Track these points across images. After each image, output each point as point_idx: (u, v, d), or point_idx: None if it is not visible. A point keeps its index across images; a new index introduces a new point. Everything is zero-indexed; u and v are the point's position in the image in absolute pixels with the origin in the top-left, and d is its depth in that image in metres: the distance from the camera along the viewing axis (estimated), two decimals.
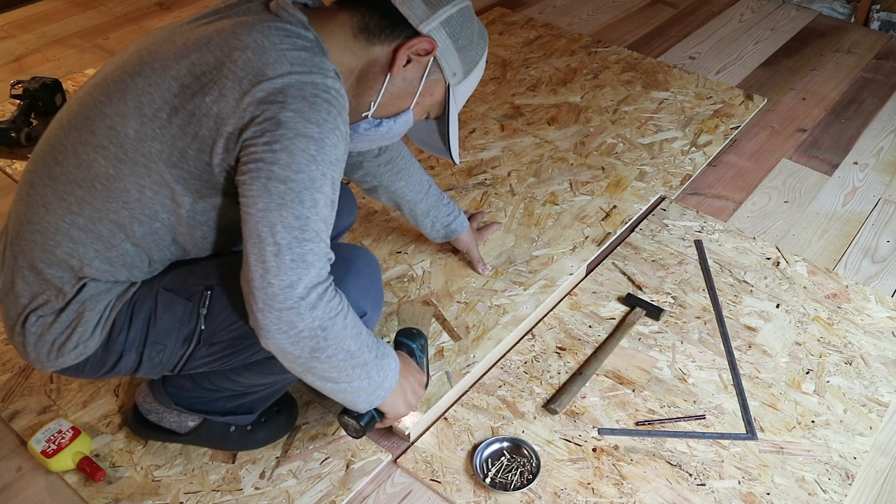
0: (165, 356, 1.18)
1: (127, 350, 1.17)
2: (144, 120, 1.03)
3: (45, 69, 2.56)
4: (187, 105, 1.02)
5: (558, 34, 2.78)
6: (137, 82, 1.05)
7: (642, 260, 1.86)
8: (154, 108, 1.03)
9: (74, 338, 1.14)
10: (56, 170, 1.09)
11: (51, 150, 1.11)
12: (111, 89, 1.07)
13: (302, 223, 1.01)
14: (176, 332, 1.16)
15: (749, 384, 1.58)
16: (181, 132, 1.02)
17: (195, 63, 1.03)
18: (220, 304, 1.15)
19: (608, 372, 1.60)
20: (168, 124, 1.02)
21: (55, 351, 1.15)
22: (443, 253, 1.82)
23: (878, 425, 1.51)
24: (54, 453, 1.37)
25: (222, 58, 1.02)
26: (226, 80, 1.00)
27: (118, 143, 1.04)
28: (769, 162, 2.23)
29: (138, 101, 1.04)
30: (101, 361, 1.18)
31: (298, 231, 1.01)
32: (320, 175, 1.02)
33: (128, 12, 2.93)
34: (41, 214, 1.10)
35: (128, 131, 1.04)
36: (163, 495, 1.36)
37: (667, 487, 1.40)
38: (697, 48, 2.76)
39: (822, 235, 1.98)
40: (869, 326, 1.71)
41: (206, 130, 1.01)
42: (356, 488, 1.38)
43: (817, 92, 2.55)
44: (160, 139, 1.03)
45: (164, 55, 1.05)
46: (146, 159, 1.04)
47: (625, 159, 2.16)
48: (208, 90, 1.01)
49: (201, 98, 1.01)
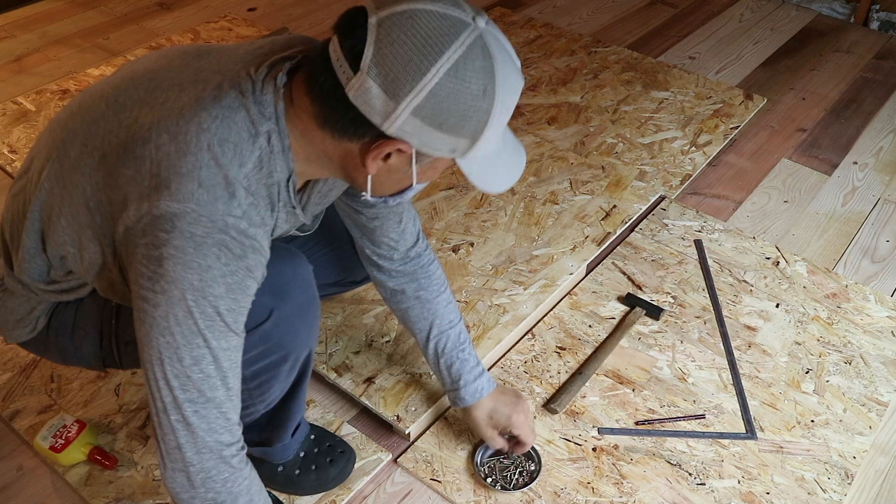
0: (90, 346, 1.16)
1: (61, 332, 1.16)
2: (84, 151, 0.97)
3: (46, 69, 2.56)
4: (110, 160, 0.94)
5: (558, 34, 2.78)
6: (98, 108, 0.99)
7: (642, 260, 1.86)
8: (93, 145, 0.97)
9: (30, 312, 1.14)
10: (28, 167, 1.09)
11: (38, 150, 1.09)
12: (87, 103, 1.03)
13: (183, 382, 0.92)
14: (94, 321, 1.15)
15: (749, 384, 1.58)
16: (103, 184, 0.94)
17: (137, 121, 0.95)
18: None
19: (608, 371, 1.60)
20: (97, 169, 0.95)
21: (12, 322, 1.16)
22: (443, 253, 1.82)
23: (878, 425, 1.51)
24: (63, 447, 1.37)
25: (152, 135, 0.92)
26: (142, 164, 0.91)
27: (60, 159, 1.00)
28: (769, 162, 2.24)
29: (88, 129, 0.98)
30: (46, 340, 1.18)
31: (180, 391, 0.92)
32: (205, 327, 0.91)
33: (128, 12, 2.93)
34: (4, 211, 1.11)
35: (70, 153, 0.99)
36: (163, 495, 1.36)
37: (667, 487, 1.40)
38: (697, 48, 2.76)
39: (821, 235, 1.98)
40: (868, 326, 1.71)
41: (116, 201, 0.93)
42: (356, 488, 1.39)
43: (817, 92, 2.55)
44: (88, 178, 0.96)
45: (134, 89, 0.99)
46: (73, 188, 0.98)
47: (625, 159, 2.17)
48: (128, 163, 0.93)
49: (121, 166, 0.93)
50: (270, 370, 1.16)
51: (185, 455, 0.94)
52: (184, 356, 0.91)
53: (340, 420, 1.50)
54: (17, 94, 2.43)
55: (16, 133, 2.25)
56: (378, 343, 1.60)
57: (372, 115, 0.87)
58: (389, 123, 0.88)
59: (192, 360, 0.92)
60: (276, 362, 1.16)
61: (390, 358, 1.57)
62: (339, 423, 1.49)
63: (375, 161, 0.93)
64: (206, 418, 0.94)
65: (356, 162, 0.94)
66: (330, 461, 1.38)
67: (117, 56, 2.63)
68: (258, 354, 1.13)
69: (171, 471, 0.96)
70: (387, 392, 1.51)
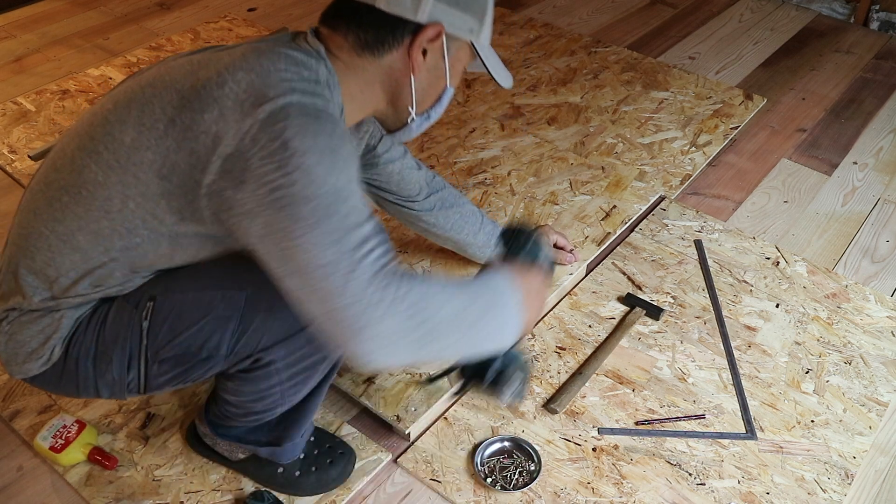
0: (115, 372, 1.13)
1: (82, 358, 1.13)
2: (142, 129, 1.01)
3: (46, 69, 2.56)
4: (183, 117, 0.98)
5: (558, 34, 2.78)
6: (145, 92, 1.03)
7: (642, 260, 1.86)
8: (153, 119, 1.00)
9: (46, 341, 1.11)
10: (52, 175, 1.08)
11: (54, 155, 1.10)
12: (120, 98, 1.06)
13: (339, 235, 0.92)
14: (121, 344, 1.11)
15: (749, 384, 1.58)
16: (176, 145, 0.98)
17: (200, 79, 1.00)
18: (160, 317, 1.09)
19: (608, 372, 1.60)
20: (164, 136, 0.99)
21: (24, 354, 1.12)
22: (443, 253, 1.82)
23: (878, 425, 1.51)
24: (63, 448, 1.37)
25: (226, 76, 0.99)
26: (226, 100, 0.97)
27: (112, 150, 1.02)
28: (769, 162, 2.24)
29: (140, 111, 1.02)
30: (63, 371, 1.14)
31: (339, 245, 0.92)
32: (346, 181, 0.95)
33: (128, 12, 2.93)
34: (30, 219, 1.09)
35: (124, 139, 1.01)
36: (163, 495, 1.36)
37: (666, 487, 1.40)
38: (697, 48, 2.76)
39: (821, 235, 1.98)
40: (868, 326, 1.71)
41: (201, 147, 0.97)
42: (356, 488, 1.39)
43: (817, 92, 2.55)
44: (154, 149, 0.99)
45: (177, 71, 1.04)
46: (136, 168, 1.00)
47: (625, 159, 2.17)
48: (207, 107, 0.97)
49: (199, 114, 0.97)
50: (308, 370, 1.18)
51: (364, 302, 0.91)
52: (338, 210, 0.92)
53: (340, 420, 1.50)
54: (17, 94, 2.43)
55: (16, 133, 2.25)
56: None
57: (405, 11, 1.04)
58: (421, 11, 1.04)
59: (345, 211, 0.93)
60: (316, 363, 1.17)
61: None
62: (339, 424, 1.49)
63: (418, 58, 1.07)
64: (366, 252, 0.93)
65: (400, 73, 1.09)
66: (330, 462, 1.38)
67: (117, 56, 2.63)
68: (301, 356, 1.14)
69: (359, 337, 0.92)
70: (387, 392, 1.51)
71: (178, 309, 1.10)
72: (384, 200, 1.54)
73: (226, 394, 1.25)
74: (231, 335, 1.10)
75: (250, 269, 1.05)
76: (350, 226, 0.93)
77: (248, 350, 1.12)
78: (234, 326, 1.10)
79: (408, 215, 1.56)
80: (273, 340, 1.11)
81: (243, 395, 1.22)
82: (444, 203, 1.56)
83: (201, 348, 1.10)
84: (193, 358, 1.12)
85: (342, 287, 0.91)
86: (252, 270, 1.04)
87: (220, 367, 1.14)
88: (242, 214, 0.95)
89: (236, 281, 1.10)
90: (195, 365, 1.13)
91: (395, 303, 0.92)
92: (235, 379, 1.19)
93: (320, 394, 1.27)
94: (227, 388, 1.23)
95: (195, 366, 1.13)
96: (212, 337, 1.10)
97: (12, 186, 2.08)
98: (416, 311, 0.94)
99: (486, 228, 1.64)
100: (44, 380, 1.16)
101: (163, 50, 2.66)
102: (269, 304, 1.08)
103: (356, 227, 0.93)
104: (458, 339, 0.99)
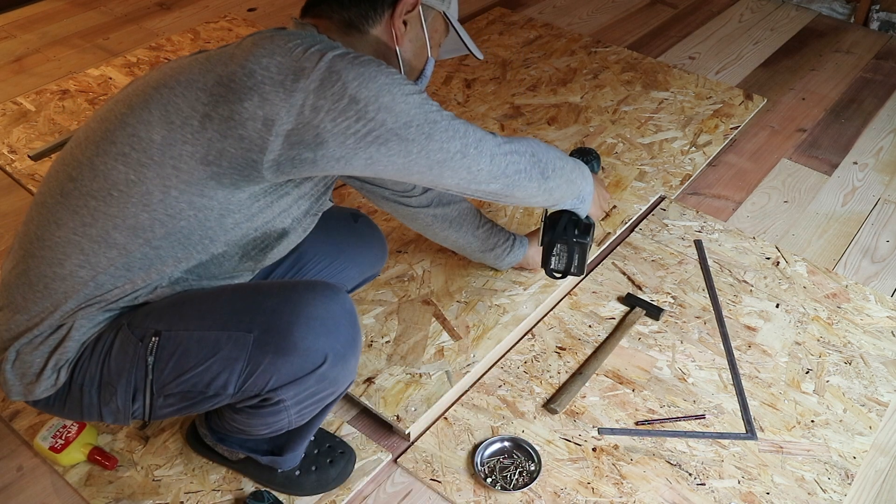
0: (119, 402, 1.13)
1: (87, 386, 1.13)
2: (173, 127, 1.04)
3: (46, 69, 2.56)
4: (220, 110, 1.02)
5: (558, 34, 2.78)
6: (162, 93, 1.06)
7: (642, 260, 1.86)
8: (182, 117, 1.04)
9: (51, 362, 1.10)
10: (69, 185, 1.09)
11: (64, 168, 1.11)
12: (134, 102, 1.08)
13: (451, 133, 1.10)
14: (126, 377, 1.11)
15: (749, 384, 1.58)
16: (220, 135, 1.03)
17: (222, 75, 1.04)
18: (165, 353, 1.10)
19: (608, 372, 1.60)
20: (202, 129, 1.03)
21: (31, 376, 1.11)
22: (443, 253, 1.82)
23: (878, 425, 1.51)
24: (62, 448, 1.37)
25: (251, 66, 1.03)
26: (263, 86, 1.01)
27: (142, 149, 1.05)
28: (769, 162, 2.24)
29: (164, 111, 1.05)
30: (67, 396, 1.14)
31: (456, 138, 1.10)
32: (417, 90, 1.08)
33: (128, 12, 2.93)
34: (52, 230, 1.09)
35: (153, 137, 1.04)
36: (163, 495, 1.36)
37: (666, 487, 1.40)
38: (697, 48, 2.76)
39: (821, 235, 1.98)
40: (868, 326, 1.71)
41: (252, 132, 1.02)
42: (356, 488, 1.39)
43: (817, 92, 2.55)
44: (192, 143, 1.03)
45: (189, 71, 1.07)
46: (176, 161, 1.04)
47: (625, 159, 2.17)
48: (245, 96, 1.02)
49: (238, 104, 1.02)
50: (317, 404, 1.18)
51: (500, 153, 1.17)
52: (435, 119, 1.08)
53: (340, 420, 1.50)
54: (17, 94, 2.43)
55: (16, 133, 2.25)
56: (378, 343, 1.61)
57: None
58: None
59: (438, 115, 1.09)
60: (325, 397, 1.18)
61: (390, 358, 1.58)
62: (339, 424, 1.49)
63: (400, 28, 1.17)
64: (477, 131, 1.15)
65: (386, 46, 1.19)
66: (330, 462, 1.38)
67: (117, 56, 2.63)
68: (311, 393, 1.14)
69: (516, 185, 1.21)
70: (387, 392, 1.51)
71: (185, 346, 1.09)
72: (381, 198, 1.53)
73: (231, 418, 1.24)
74: (238, 376, 1.09)
75: (255, 310, 1.08)
76: (446, 121, 1.10)
77: (256, 390, 1.10)
78: (242, 367, 1.08)
79: (405, 212, 1.56)
80: (281, 382, 1.10)
81: (251, 425, 1.21)
82: (441, 200, 1.56)
83: (208, 386, 1.10)
84: (200, 395, 1.11)
85: (481, 154, 1.14)
86: (257, 311, 1.08)
87: (227, 402, 1.14)
88: (333, 160, 1.05)
89: (242, 322, 1.09)
90: (201, 401, 1.12)
91: (522, 153, 1.21)
92: (243, 412, 1.19)
93: (326, 413, 1.27)
94: (233, 417, 1.23)
95: (201, 401, 1.13)
96: (219, 376, 1.09)
97: (12, 186, 2.08)
98: (537, 158, 1.24)
99: (484, 226, 1.64)
100: (48, 404, 1.16)
101: (163, 50, 2.66)
102: (276, 346, 1.07)
103: (452, 116, 1.11)
104: (559, 182, 1.30)
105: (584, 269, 1.54)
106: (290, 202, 1.14)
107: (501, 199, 1.25)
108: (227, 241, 1.12)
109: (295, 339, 1.06)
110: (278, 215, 1.14)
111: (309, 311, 1.08)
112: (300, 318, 1.07)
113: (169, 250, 1.10)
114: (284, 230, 1.18)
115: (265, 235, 1.16)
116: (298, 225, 1.20)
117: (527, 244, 1.72)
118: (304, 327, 1.07)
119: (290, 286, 1.12)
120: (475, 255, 1.69)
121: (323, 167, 1.06)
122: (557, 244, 1.51)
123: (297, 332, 1.07)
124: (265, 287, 1.15)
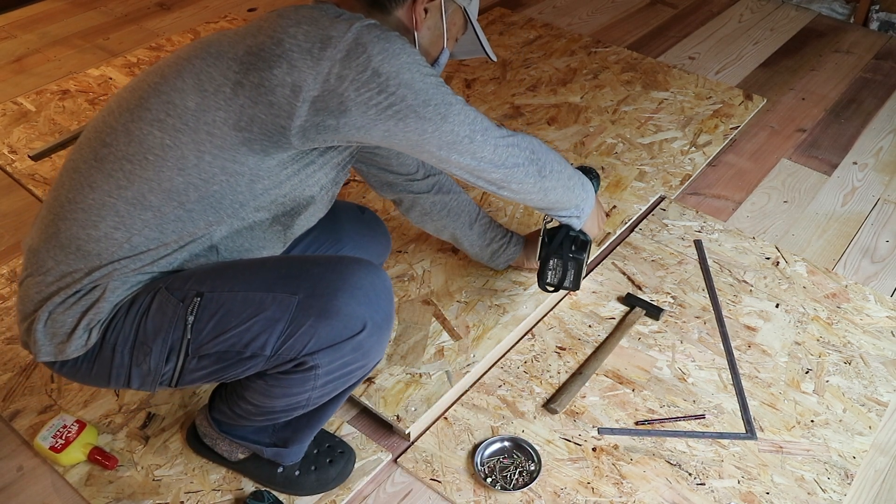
0: (152, 363, 1.14)
1: (119, 346, 1.14)
2: (206, 94, 1.09)
3: (46, 69, 2.56)
4: (251, 78, 1.07)
5: (558, 34, 2.78)
6: (195, 63, 1.11)
7: (642, 260, 1.86)
8: (215, 85, 1.09)
9: (84, 322, 1.12)
10: (103, 151, 1.12)
11: (98, 134, 1.14)
12: (166, 72, 1.13)
13: (463, 118, 1.17)
14: (163, 336, 1.13)
15: (748, 384, 1.58)
16: (251, 101, 1.08)
17: (251, 45, 1.10)
18: (207, 313, 1.12)
19: (608, 371, 1.60)
20: (234, 96, 1.08)
21: (63, 335, 1.12)
22: (443, 253, 1.82)
23: (878, 425, 1.52)
24: (63, 448, 1.38)
25: (279, 35, 1.08)
26: (292, 53, 1.07)
27: (177, 115, 1.09)
28: (769, 162, 2.24)
29: (197, 79, 1.10)
30: (97, 357, 1.15)
31: (466, 123, 1.18)
32: (436, 80, 1.14)
33: (128, 12, 2.93)
34: (86, 193, 1.12)
35: (187, 104, 1.09)
36: (163, 494, 1.36)
37: (666, 487, 1.40)
38: (697, 48, 2.76)
39: (821, 235, 1.98)
40: (868, 326, 1.71)
41: (281, 98, 1.07)
42: (356, 488, 1.39)
43: (817, 92, 2.55)
44: (225, 109, 1.08)
45: (219, 44, 1.13)
46: (210, 126, 1.09)
47: (624, 159, 2.17)
48: (275, 64, 1.07)
49: (267, 71, 1.07)
50: (345, 377, 1.18)
51: (504, 144, 1.25)
52: (450, 101, 1.15)
53: (340, 420, 1.50)
54: (17, 94, 2.43)
55: (16, 133, 2.25)
56: None
57: None
58: None
59: (453, 100, 1.16)
60: (355, 370, 1.18)
61: (390, 358, 1.58)
62: (339, 424, 1.49)
63: (421, 14, 1.21)
64: (485, 120, 1.23)
65: (405, 30, 1.22)
66: (330, 462, 1.38)
67: (117, 56, 2.63)
68: (344, 363, 1.15)
69: (515, 179, 1.27)
70: (387, 392, 1.51)
71: (228, 306, 1.11)
72: (385, 184, 1.54)
73: (248, 392, 1.23)
74: (278, 337, 1.10)
75: (301, 276, 1.12)
76: (461, 106, 1.17)
77: (293, 353, 1.12)
78: (283, 328, 1.10)
79: (405, 197, 1.56)
80: (319, 346, 1.11)
81: (271, 395, 1.20)
82: (441, 188, 1.57)
83: (246, 346, 1.11)
84: (236, 356, 1.13)
85: (488, 140, 1.22)
86: (303, 277, 1.12)
87: (260, 367, 1.15)
88: (354, 129, 1.11)
89: (288, 286, 1.12)
90: (236, 363, 1.13)
91: (522, 148, 1.28)
92: (270, 378, 1.18)
93: (339, 402, 1.27)
94: (252, 388, 1.22)
95: (235, 364, 1.14)
96: (259, 336, 1.11)
97: (12, 186, 2.08)
98: (536, 156, 1.30)
99: (482, 220, 1.65)
100: (75, 367, 1.17)
101: (163, 50, 2.66)
102: (319, 310, 1.10)
103: (464, 102, 1.18)
104: (556, 185, 1.34)
105: (578, 285, 1.57)
106: (316, 170, 1.19)
107: (502, 190, 1.29)
108: (256, 206, 1.16)
109: (339, 303, 1.10)
110: (305, 181, 1.19)
111: (354, 279, 1.13)
112: (346, 285, 1.12)
113: (201, 213, 1.13)
114: (312, 197, 1.22)
115: (293, 201, 1.20)
116: (326, 193, 1.25)
117: (523, 243, 1.72)
118: (348, 294, 1.11)
119: (335, 258, 1.20)
120: (473, 250, 1.69)
121: (345, 134, 1.11)
122: (553, 258, 1.54)
123: (342, 298, 1.11)
124: (311, 257, 1.27)
